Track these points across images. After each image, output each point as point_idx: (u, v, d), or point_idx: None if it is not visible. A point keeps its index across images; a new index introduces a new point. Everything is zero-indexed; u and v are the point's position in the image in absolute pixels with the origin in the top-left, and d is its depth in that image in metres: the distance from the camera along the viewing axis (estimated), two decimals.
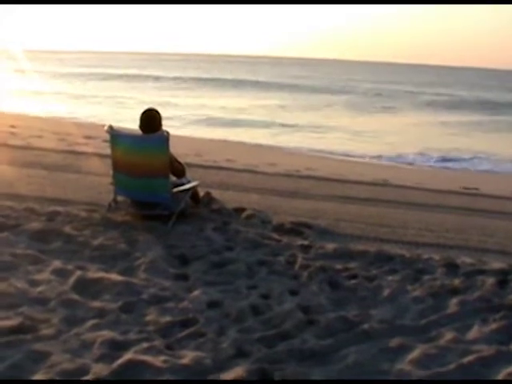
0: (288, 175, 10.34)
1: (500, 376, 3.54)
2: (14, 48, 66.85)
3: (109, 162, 6.62)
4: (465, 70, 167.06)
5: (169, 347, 3.75)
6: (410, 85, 63.93)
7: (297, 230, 6.48)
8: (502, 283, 5.09)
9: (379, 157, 17.31)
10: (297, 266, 5.32)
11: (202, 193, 7.16)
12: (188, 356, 3.60)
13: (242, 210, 7.01)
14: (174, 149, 6.44)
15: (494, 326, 4.25)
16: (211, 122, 24.93)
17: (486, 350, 3.85)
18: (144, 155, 6.33)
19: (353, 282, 5.05)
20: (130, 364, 3.45)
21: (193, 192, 6.75)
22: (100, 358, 3.53)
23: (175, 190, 6.40)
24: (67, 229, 5.89)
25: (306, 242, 6.02)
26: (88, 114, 24.03)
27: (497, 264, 5.60)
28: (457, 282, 5.07)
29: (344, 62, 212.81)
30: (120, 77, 54.11)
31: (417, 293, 4.83)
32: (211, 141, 17.79)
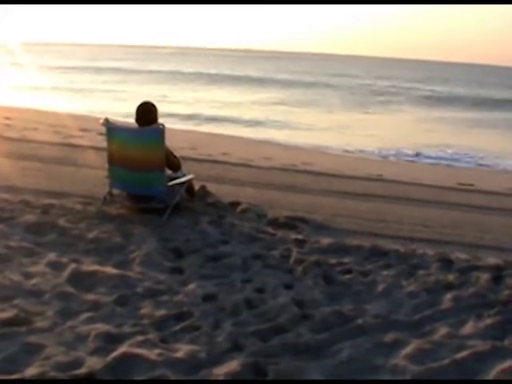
0: (284, 169, 10.34)
1: (494, 371, 3.55)
2: (10, 41, 66.57)
3: (104, 154, 6.60)
4: (466, 66, 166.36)
5: (163, 340, 3.75)
6: (407, 80, 63.86)
7: (292, 224, 6.48)
8: (497, 279, 5.09)
9: (373, 152, 17.30)
10: (291, 261, 5.33)
11: (197, 186, 7.15)
12: (183, 349, 3.60)
13: (238, 203, 7.01)
14: (170, 142, 6.42)
15: (488, 321, 4.25)
16: (207, 116, 24.86)
17: (481, 345, 3.85)
18: (140, 148, 6.32)
19: (347, 276, 5.05)
20: (125, 357, 3.45)
21: (188, 185, 6.75)
22: (94, 351, 3.53)
23: (170, 183, 6.39)
24: (62, 221, 5.89)
25: (300, 237, 6.02)
26: (83, 107, 23.92)
27: (492, 260, 5.61)
28: (451, 277, 5.08)
29: (340, 56, 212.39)
30: (118, 70, 53.86)
31: (411, 288, 4.83)
32: (207, 134, 17.74)
